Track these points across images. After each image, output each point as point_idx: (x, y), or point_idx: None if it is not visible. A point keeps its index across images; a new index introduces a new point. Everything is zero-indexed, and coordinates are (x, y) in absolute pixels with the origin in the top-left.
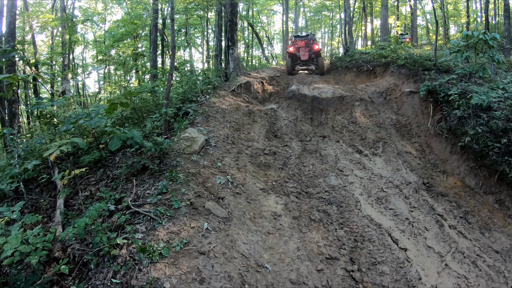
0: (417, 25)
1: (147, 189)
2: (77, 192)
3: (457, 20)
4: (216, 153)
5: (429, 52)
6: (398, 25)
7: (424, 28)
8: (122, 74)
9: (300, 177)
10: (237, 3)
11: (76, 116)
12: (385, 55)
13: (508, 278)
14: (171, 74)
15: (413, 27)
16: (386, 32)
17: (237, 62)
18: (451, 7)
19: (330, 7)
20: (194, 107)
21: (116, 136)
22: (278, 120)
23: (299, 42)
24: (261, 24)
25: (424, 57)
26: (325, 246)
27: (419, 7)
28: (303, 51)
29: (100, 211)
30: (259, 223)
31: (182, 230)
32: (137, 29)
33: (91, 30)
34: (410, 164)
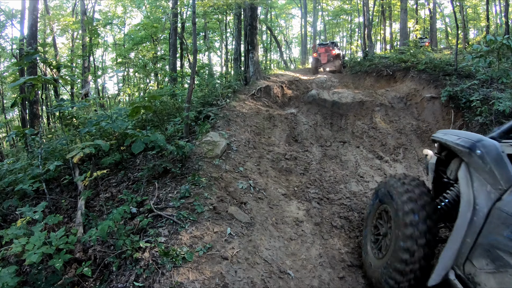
0: (436, 29)
1: (169, 192)
2: (98, 194)
3: (477, 24)
4: (237, 157)
5: (449, 57)
6: (417, 29)
7: (443, 32)
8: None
9: (321, 182)
10: (257, 7)
11: (98, 118)
12: (405, 59)
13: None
14: (193, 77)
15: (432, 30)
16: (405, 36)
17: (256, 66)
18: (471, 10)
19: (349, 11)
20: (214, 110)
21: (139, 139)
22: (298, 124)
23: (320, 49)
24: (279, 28)
25: (445, 62)
26: (346, 253)
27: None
28: (323, 55)
29: (123, 214)
30: (281, 229)
31: (205, 235)
32: (156, 32)
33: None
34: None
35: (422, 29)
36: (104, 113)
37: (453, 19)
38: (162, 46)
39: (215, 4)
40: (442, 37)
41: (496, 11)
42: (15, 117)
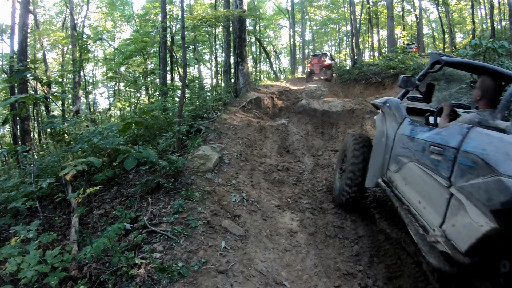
0: (423, 34)
1: (163, 207)
2: (91, 210)
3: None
4: (230, 170)
5: None
6: (404, 35)
7: (430, 37)
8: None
9: (314, 192)
10: (245, 20)
11: (90, 135)
12: (393, 66)
13: None
14: (183, 92)
15: (419, 36)
16: (392, 43)
17: (246, 78)
18: (456, 14)
19: (336, 20)
20: (206, 124)
21: (132, 156)
22: (289, 135)
23: (313, 60)
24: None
25: None
26: (342, 262)
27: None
28: (316, 66)
29: (117, 231)
30: (275, 241)
31: (200, 249)
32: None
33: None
34: None
35: (409, 35)
36: (96, 129)
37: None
38: (152, 60)
39: (204, 18)
40: (429, 42)
41: (481, 14)
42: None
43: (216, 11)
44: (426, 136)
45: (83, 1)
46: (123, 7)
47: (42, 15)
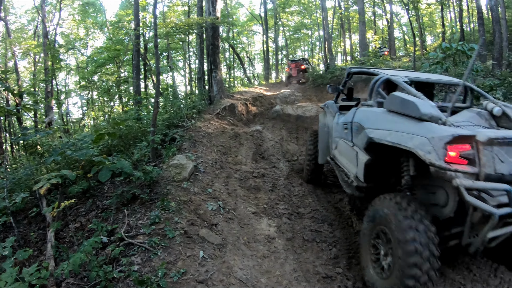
0: (395, 38)
1: (139, 219)
2: (67, 224)
3: (433, 30)
4: (205, 179)
5: (407, 64)
6: (376, 39)
7: (401, 40)
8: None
9: (290, 197)
10: (218, 27)
11: (63, 146)
12: None
13: None
14: (157, 101)
15: (390, 40)
16: (364, 47)
17: (220, 85)
18: (427, 18)
19: (309, 25)
20: (180, 132)
21: (106, 167)
22: (264, 141)
23: (291, 64)
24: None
25: (404, 69)
26: (320, 265)
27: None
28: (294, 70)
29: (94, 245)
30: (253, 247)
31: (178, 260)
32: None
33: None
34: None
35: (381, 39)
36: (69, 140)
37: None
38: (125, 68)
39: (177, 25)
40: (400, 45)
41: (451, 17)
42: None
43: (189, 18)
44: (342, 120)
45: (55, 8)
46: (95, 14)
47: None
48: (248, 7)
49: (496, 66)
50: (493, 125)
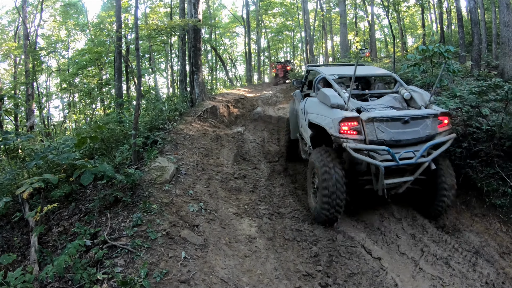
0: (376, 39)
1: (122, 221)
2: (50, 228)
3: (414, 32)
4: (187, 181)
5: (388, 65)
6: (357, 41)
7: (382, 42)
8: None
9: (271, 198)
10: (200, 29)
11: (45, 150)
12: None
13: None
14: (138, 104)
15: (371, 41)
16: (346, 48)
17: (202, 87)
18: (408, 19)
19: (291, 27)
20: (162, 135)
21: (88, 171)
22: (245, 143)
23: (278, 66)
24: (224, 47)
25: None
26: (301, 263)
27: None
28: (280, 71)
29: (78, 248)
30: (235, 247)
31: (160, 261)
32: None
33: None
34: None
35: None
36: (51, 144)
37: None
38: (107, 69)
39: (158, 27)
40: (382, 46)
41: (432, 19)
42: None
43: (171, 20)
44: (301, 106)
45: (36, 9)
46: (77, 16)
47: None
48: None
49: (475, 66)
50: (404, 106)
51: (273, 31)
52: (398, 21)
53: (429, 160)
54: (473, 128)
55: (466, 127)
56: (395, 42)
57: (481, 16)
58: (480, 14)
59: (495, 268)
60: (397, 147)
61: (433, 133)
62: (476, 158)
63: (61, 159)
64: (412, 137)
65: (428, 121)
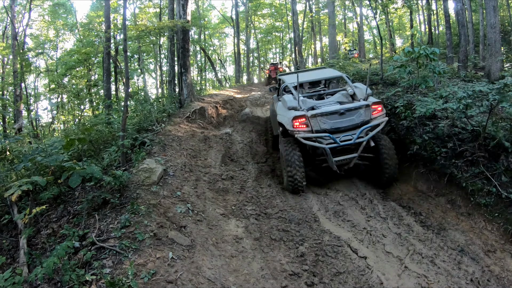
0: (365, 40)
1: (110, 223)
2: (39, 230)
3: (402, 33)
4: (175, 182)
5: (376, 67)
6: (346, 42)
7: (371, 43)
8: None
9: (258, 199)
10: (189, 30)
11: (33, 152)
12: None
13: (467, 271)
14: (126, 105)
15: (360, 42)
16: (334, 49)
17: (190, 88)
18: (396, 21)
19: (280, 28)
20: (150, 136)
21: (76, 173)
22: (233, 144)
23: (271, 67)
24: (213, 47)
25: (372, 71)
26: (287, 263)
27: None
28: (273, 72)
29: (67, 249)
30: (222, 248)
31: (148, 262)
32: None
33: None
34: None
35: (351, 42)
36: (39, 146)
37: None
38: (96, 70)
39: (147, 28)
40: (370, 47)
41: (420, 20)
42: None
43: (160, 21)
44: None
45: (25, 8)
46: (66, 15)
47: None
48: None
49: (462, 67)
50: (350, 100)
51: (262, 32)
52: (386, 22)
53: (366, 139)
54: (459, 128)
55: (451, 127)
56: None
57: (469, 18)
58: (467, 16)
59: (480, 266)
60: (338, 133)
61: (367, 119)
62: (461, 158)
63: (49, 161)
64: (348, 124)
65: (361, 110)
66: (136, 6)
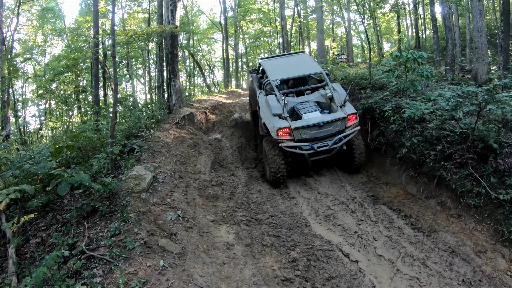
0: (353, 45)
1: (100, 231)
2: (28, 239)
3: (390, 37)
4: (164, 189)
5: (364, 71)
6: (334, 47)
7: (359, 47)
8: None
9: (249, 205)
10: (178, 35)
11: (21, 160)
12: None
13: (458, 272)
14: (115, 112)
15: (348, 47)
16: (323, 54)
17: (179, 94)
18: (384, 25)
19: (268, 33)
20: (139, 143)
21: (64, 181)
22: (223, 149)
23: None
24: (202, 53)
25: (360, 76)
26: (279, 269)
27: (353, 28)
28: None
29: (56, 259)
30: (213, 255)
31: (139, 270)
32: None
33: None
34: (354, 180)
35: (339, 46)
36: (27, 153)
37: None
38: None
39: (136, 33)
40: (358, 52)
41: (407, 25)
42: None
43: (148, 27)
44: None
45: (13, 13)
46: (54, 20)
47: None
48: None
49: (449, 71)
50: (328, 102)
51: (251, 37)
52: (374, 27)
53: (338, 146)
54: (447, 131)
55: (439, 130)
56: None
57: (455, 21)
58: (454, 20)
59: (471, 266)
60: (316, 141)
61: (343, 128)
62: (450, 160)
63: (38, 169)
64: (326, 134)
65: (338, 122)
66: (124, 11)
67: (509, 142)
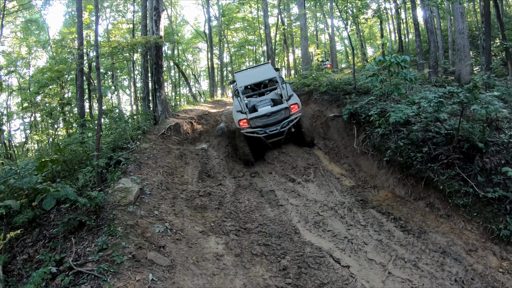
0: (337, 51)
1: (87, 246)
2: (15, 256)
3: (373, 42)
4: (151, 201)
5: (348, 76)
6: (319, 53)
7: (343, 53)
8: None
9: (237, 214)
10: (162, 46)
11: (6, 175)
12: (308, 83)
13: (450, 272)
14: (100, 124)
15: (332, 53)
16: (307, 61)
17: (164, 105)
18: (367, 31)
19: (253, 41)
20: (125, 155)
21: (50, 195)
22: (210, 159)
23: None
24: (187, 62)
25: (344, 81)
26: (270, 278)
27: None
28: None
29: (44, 276)
30: (203, 266)
31: (128, 285)
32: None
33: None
34: (342, 185)
35: (323, 53)
36: (11, 167)
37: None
38: (69, 88)
39: (120, 44)
40: (342, 57)
41: (390, 29)
42: None
43: (133, 38)
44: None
45: None
46: (38, 32)
47: None
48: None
49: (432, 73)
50: (279, 98)
51: (235, 45)
52: (357, 32)
53: (286, 129)
54: (433, 133)
55: (425, 132)
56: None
57: (437, 24)
58: (436, 23)
59: (463, 265)
60: (268, 127)
61: (288, 115)
62: (437, 162)
63: (23, 184)
64: (274, 121)
65: (282, 111)
66: (109, 22)
67: (494, 140)
